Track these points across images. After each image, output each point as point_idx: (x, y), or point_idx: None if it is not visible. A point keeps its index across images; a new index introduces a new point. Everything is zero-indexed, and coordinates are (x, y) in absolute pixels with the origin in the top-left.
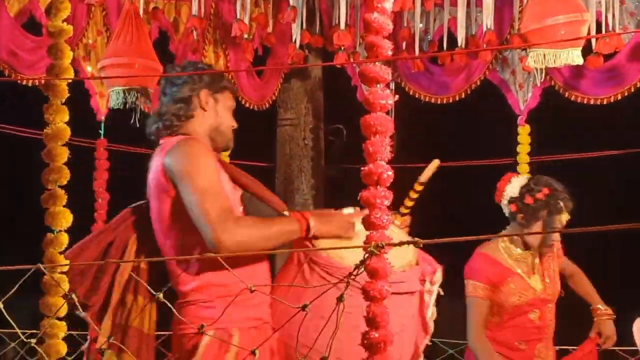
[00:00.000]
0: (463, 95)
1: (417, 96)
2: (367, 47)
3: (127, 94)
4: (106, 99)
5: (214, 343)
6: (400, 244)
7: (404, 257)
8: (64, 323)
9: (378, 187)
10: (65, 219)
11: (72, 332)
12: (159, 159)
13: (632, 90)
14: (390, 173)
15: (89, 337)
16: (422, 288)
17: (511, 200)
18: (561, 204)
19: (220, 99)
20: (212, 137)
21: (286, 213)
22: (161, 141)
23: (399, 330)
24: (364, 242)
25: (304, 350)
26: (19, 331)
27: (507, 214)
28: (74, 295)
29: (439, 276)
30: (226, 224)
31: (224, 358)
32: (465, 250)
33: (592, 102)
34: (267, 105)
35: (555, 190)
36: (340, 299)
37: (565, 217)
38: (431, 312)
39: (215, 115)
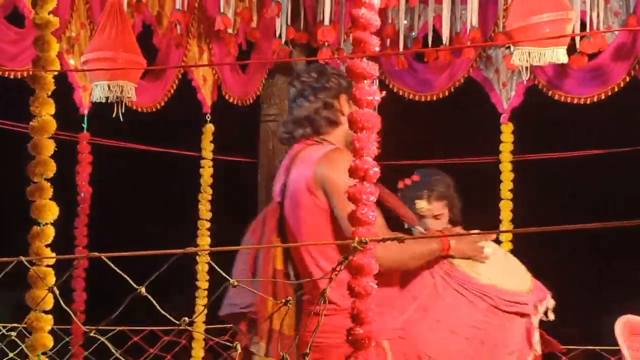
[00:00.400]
0: (447, 93)
1: (400, 93)
2: (354, 43)
3: (110, 88)
4: (89, 92)
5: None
6: (384, 239)
7: (524, 283)
8: (50, 316)
9: (364, 182)
10: (51, 211)
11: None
12: (309, 167)
13: (616, 89)
14: (377, 169)
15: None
16: (534, 312)
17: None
18: (414, 191)
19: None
20: (349, 142)
21: (419, 228)
22: (301, 145)
23: (514, 349)
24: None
25: None
26: None
27: None
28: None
29: (549, 301)
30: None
31: None
32: None
33: (575, 101)
34: (251, 101)
35: (418, 178)
36: None
37: (423, 204)
38: (537, 336)
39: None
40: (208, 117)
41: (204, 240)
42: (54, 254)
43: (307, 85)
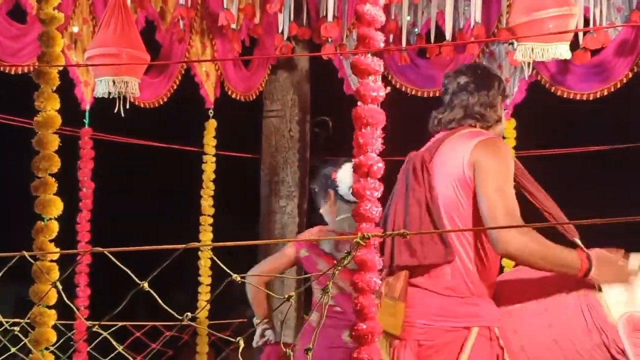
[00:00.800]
0: None
1: (403, 89)
2: (358, 39)
3: (115, 83)
4: (91, 88)
5: (483, 341)
6: (384, 235)
7: None
8: (53, 311)
9: (368, 178)
10: (55, 206)
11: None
12: (467, 149)
13: (619, 86)
14: (381, 165)
15: None
16: None
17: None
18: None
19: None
20: None
21: (577, 240)
22: (459, 129)
23: None
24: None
25: None
26: (2, 320)
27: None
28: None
29: None
30: (517, 229)
31: (499, 354)
32: None
33: (578, 97)
34: (254, 97)
35: None
36: None
37: None
38: None
39: (502, 124)
40: (211, 113)
41: (207, 235)
42: (57, 249)
43: (471, 81)
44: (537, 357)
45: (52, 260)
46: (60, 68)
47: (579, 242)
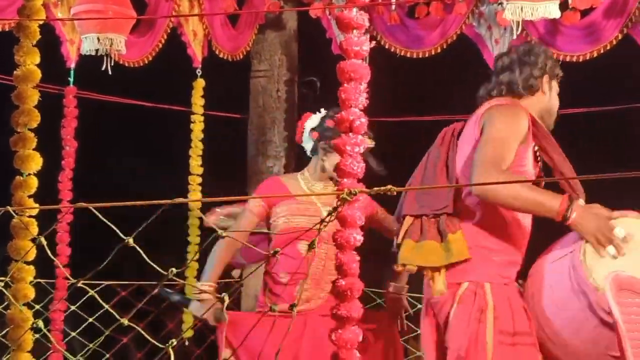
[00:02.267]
0: (439, 50)
1: (392, 50)
2: None
3: (100, 40)
4: (76, 46)
5: (468, 295)
6: (371, 191)
7: None
8: (32, 267)
9: (351, 134)
10: (34, 162)
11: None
12: (482, 110)
13: (608, 47)
14: (364, 120)
15: None
16: None
17: (312, 129)
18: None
19: (554, 86)
20: (542, 117)
21: (581, 201)
22: (490, 101)
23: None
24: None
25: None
26: None
27: (308, 150)
28: None
29: None
30: (490, 172)
31: (482, 309)
32: None
33: (568, 58)
34: (241, 56)
35: None
36: None
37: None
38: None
39: (549, 99)
40: (198, 72)
41: (196, 195)
42: (37, 205)
43: (515, 60)
44: (542, 322)
45: (30, 216)
46: (41, 22)
47: (582, 202)
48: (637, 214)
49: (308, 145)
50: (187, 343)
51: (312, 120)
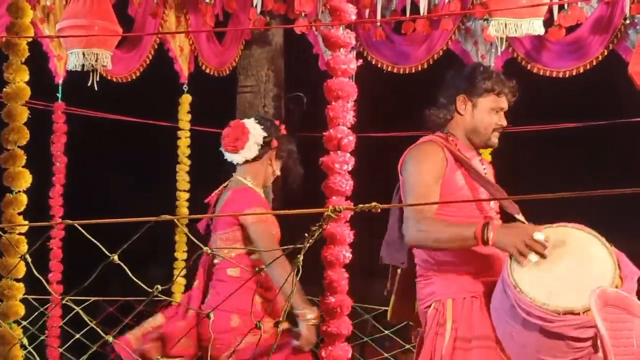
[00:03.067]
0: (425, 66)
1: (379, 65)
2: (330, 11)
3: (85, 55)
4: (64, 61)
5: (433, 312)
6: (355, 208)
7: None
8: (21, 284)
9: (339, 152)
10: (24, 179)
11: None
12: (402, 157)
13: (594, 63)
14: (352, 138)
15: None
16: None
17: (266, 137)
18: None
19: (481, 103)
20: (469, 138)
21: (517, 216)
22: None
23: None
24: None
25: None
26: None
27: (249, 157)
28: None
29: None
30: (413, 225)
31: (441, 323)
32: None
33: (554, 74)
34: (227, 72)
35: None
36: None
37: None
38: None
39: (470, 118)
40: (185, 88)
41: (183, 211)
42: (26, 222)
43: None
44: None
45: (20, 234)
46: (29, 39)
47: (521, 217)
48: (575, 224)
49: (251, 152)
50: None
51: (256, 129)
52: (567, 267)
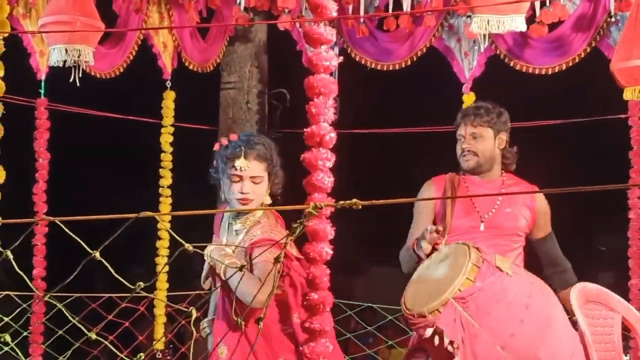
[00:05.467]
0: (409, 62)
1: (362, 62)
2: (311, 8)
3: (68, 51)
4: (46, 57)
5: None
6: (336, 205)
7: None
8: None
9: (320, 148)
10: None
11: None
12: None
13: (577, 60)
14: (334, 135)
15: None
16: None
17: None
18: (231, 149)
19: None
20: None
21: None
22: None
23: None
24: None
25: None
26: None
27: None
28: None
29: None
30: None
31: None
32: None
33: (537, 71)
34: (211, 68)
35: (237, 137)
36: None
37: (240, 162)
38: None
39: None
40: (168, 84)
41: (166, 207)
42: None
43: None
44: None
45: None
46: (5, 35)
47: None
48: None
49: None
50: (158, 355)
51: None
52: (437, 276)
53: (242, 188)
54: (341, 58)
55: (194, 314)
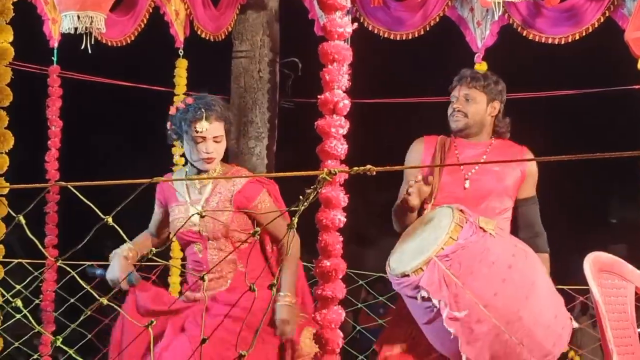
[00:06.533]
0: (422, 32)
1: (375, 31)
2: None
3: (80, 18)
4: (59, 25)
5: None
6: (350, 171)
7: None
8: (1, 246)
9: (334, 115)
10: (6, 140)
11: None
12: None
13: (590, 30)
14: (347, 102)
15: None
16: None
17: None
18: (192, 112)
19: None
20: None
21: None
22: None
23: None
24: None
25: None
26: None
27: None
28: None
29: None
30: None
31: None
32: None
33: (550, 41)
34: (223, 37)
35: (193, 100)
36: None
37: (203, 125)
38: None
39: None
40: (181, 52)
41: None
42: (7, 184)
43: None
44: None
45: (1, 195)
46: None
47: None
48: (456, 204)
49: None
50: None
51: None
52: (422, 238)
53: (207, 148)
54: (356, 24)
55: (206, 279)
